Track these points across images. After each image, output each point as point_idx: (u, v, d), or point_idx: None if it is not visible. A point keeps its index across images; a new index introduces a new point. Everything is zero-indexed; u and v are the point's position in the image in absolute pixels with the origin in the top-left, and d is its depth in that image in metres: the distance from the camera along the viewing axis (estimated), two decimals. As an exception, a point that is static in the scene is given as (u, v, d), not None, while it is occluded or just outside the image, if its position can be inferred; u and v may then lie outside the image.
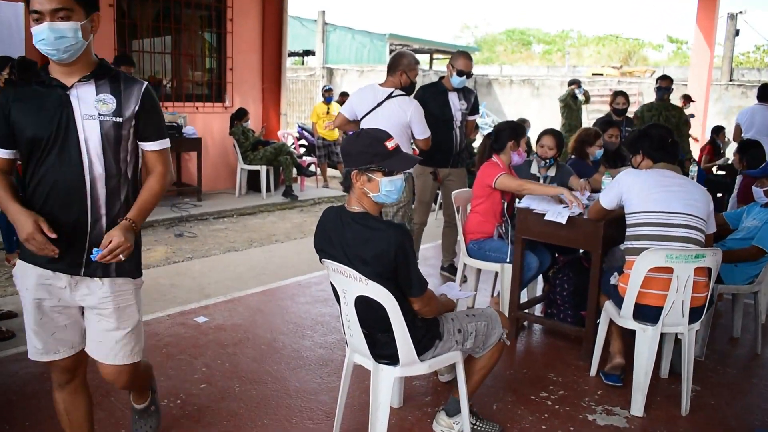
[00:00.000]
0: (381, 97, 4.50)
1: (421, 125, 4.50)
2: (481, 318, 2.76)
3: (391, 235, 2.32)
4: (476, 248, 4.29)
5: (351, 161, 2.42)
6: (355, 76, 19.56)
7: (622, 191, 3.34)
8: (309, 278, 5.20)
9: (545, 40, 50.31)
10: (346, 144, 2.48)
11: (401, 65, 4.54)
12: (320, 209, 8.55)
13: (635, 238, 3.27)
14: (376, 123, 4.39)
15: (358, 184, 2.42)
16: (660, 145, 3.46)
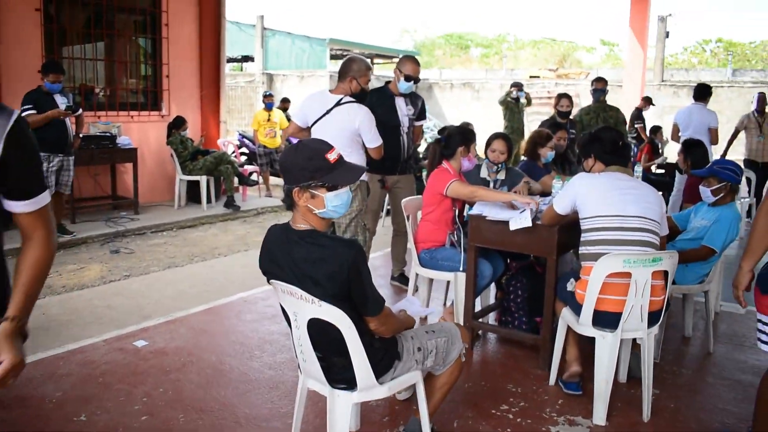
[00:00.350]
0: (330, 103, 4.34)
1: (372, 133, 4.35)
2: (441, 334, 2.63)
3: (343, 253, 2.16)
4: (428, 257, 4.17)
5: (291, 178, 2.25)
6: (296, 82, 19.30)
7: (576, 196, 3.27)
8: (255, 294, 4.98)
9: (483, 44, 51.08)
10: (285, 159, 2.29)
11: (351, 71, 4.39)
12: (264, 219, 8.33)
13: (591, 243, 3.21)
14: (325, 131, 4.24)
15: (301, 201, 2.25)
16: (612, 148, 3.41)
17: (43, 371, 3.55)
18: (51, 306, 4.80)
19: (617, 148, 3.43)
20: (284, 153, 2.31)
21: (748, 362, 4.02)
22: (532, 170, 5.04)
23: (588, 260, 3.20)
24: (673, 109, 18.61)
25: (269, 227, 2.42)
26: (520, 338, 4.04)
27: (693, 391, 3.60)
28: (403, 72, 4.86)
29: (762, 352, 4.19)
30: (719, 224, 3.84)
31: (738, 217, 3.88)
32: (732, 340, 4.38)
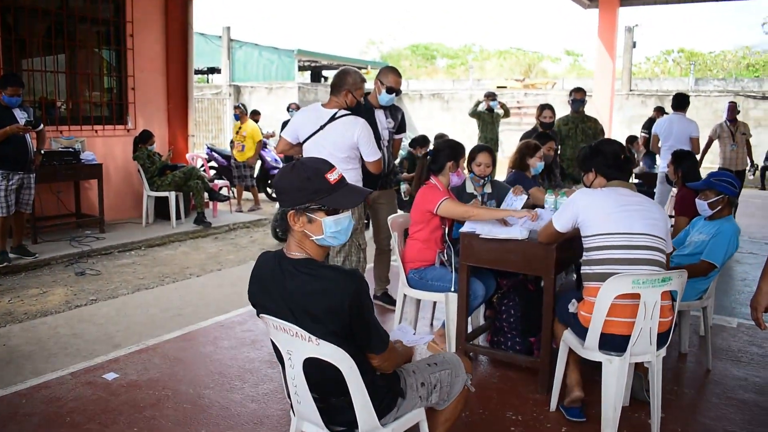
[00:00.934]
0: (324, 118, 4.13)
1: (371, 146, 4.16)
2: (444, 366, 2.43)
3: (344, 285, 1.94)
4: (417, 278, 3.97)
5: (287, 200, 2.03)
6: (264, 94, 19.02)
7: (578, 213, 3.11)
8: (231, 318, 4.72)
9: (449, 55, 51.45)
10: (280, 179, 2.07)
11: (346, 84, 4.19)
12: (236, 236, 8.05)
13: (596, 263, 3.04)
14: (320, 146, 4.05)
15: (296, 226, 2.03)
16: (614, 161, 3.26)
17: (3, 411, 3.26)
18: (12, 335, 4.47)
19: (619, 161, 3.28)
20: (280, 173, 2.09)
21: (749, 380, 3.90)
22: (521, 182, 4.88)
23: (592, 280, 3.04)
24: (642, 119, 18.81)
25: (260, 255, 2.18)
26: (516, 361, 3.85)
27: (699, 413, 3.45)
28: (384, 84, 4.67)
29: (761, 369, 4.13)
30: (719, 238, 3.72)
31: (737, 231, 3.76)
32: (728, 356, 4.26)
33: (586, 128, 7.10)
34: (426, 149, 8.07)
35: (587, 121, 7.16)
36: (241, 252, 7.25)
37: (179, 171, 8.24)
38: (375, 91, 4.75)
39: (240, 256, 7.00)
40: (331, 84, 4.26)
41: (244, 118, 9.95)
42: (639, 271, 2.92)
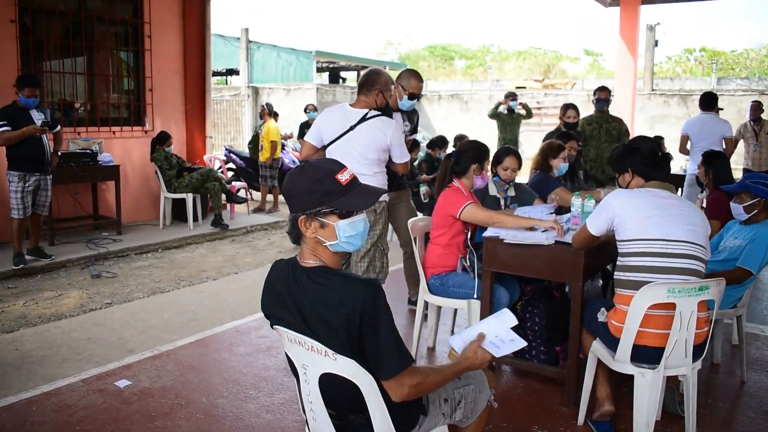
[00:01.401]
0: (354, 119, 3.95)
1: (402, 148, 4.03)
2: (468, 380, 2.29)
3: (359, 293, 1.80)
4: (438, 284, 3.84)
5: (296, 205, 1.90)
6: (282, 95, 18.98)
7: (614, 216, 2.93)
8: (248, 322, 4.62)
9: (467, 56, 51.23)
10: (289, 183, 1.93)
11: (378, 83, 4.01)
12: (253, 238, 7.97)
13: (630, 270, 2.88)
14: (349, 149, 3.90)
15: (308, 232, 1.90)
16: (652, 160, 3.09)
17: (12, 419, 3.18)
18: (25, 340, 4.40)
19: (657, 159, 3.11)
20: (288, 177, 1.95)
21: (785, 393, 3.72)
22: (544, 183, 4.75)
23: (625, 288, 2.88)
24: (664, 119, 18.56)
25: (274, 263, 2.06)
26: (542, 372, 3.70)
27: (734, 428, 3.29)
28: (407, 89, 4.50)
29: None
30: (756, 243, 3.54)
31: (775, 236, 3.58)
32: (763, 366, 4.08)
33: (611, 128, 6.91)
34: (444, 150, 7.93)
35: (612, 122, 6.97)
36: (259, 255, 7.16)
37: (197, 173, 8.18)
38: (395, 95, 4.60)
39: (257, 259, 6.91)
40: (359, 83, 4.10)
41: (266, 118, 9.88)
42: (675, 279, 2.77)
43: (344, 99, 19.60)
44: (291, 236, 2.00)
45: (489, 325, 2.13)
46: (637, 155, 3.12)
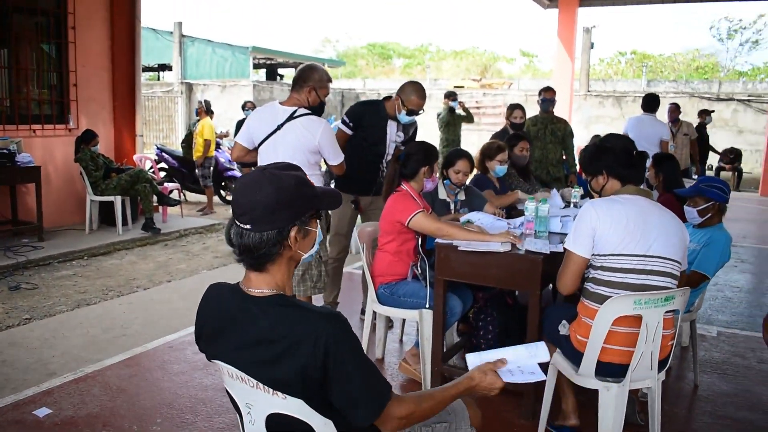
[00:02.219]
0: (282, 117, 3.66)
1: (333, 148, 3.74)
2: (443, 417, 2.03)
3: (317, 332, 1.53)
4: (388, 293, 3.63)
5: (282, 218, 1.61)
6: (217, 92, 18.41)
7: (594, 228, 2.68)
8: (182, 337, 4.29)
9: (405, 54, 51.41)
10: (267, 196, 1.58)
11: (311, 80, 3.72)
12: (187, 242, 7.59)
13: (603, 284, 2.68)
14: (277, 150, 3.62)
15: (296, 246, 1.66)
16: (627, 160, 2.85)
17: None
18: (-71, 362, 3.95)
19: (633, 159, 2.87)
20: (254, 189, 1.61)
21: (739, 395, 3.69)
22: (482, 186, 4.60)
23: (594, 301, 2.68)
24: (599, 119, 18.95)
25: (209, 287, 1.78)
26: (498, 385, 3.52)
27: (693, 437, 3.21)
28: (407, 105, 4.26)
29: (747, 382, 3.93)
30: (711, 248, 3.48)
31: (729, 239, 3.53)
32: (713, 368, 4.07)
33: (556, 129, 6.86)
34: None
35: (556, 122, 6.92)
36: (193, 260, 6.79)
37: (126, 174, 7.70)
38: (395, 105, 4.35)
39: (192, 266, 6.55)
40: (293, 79, 3.82)
41: (202, 115, 9.46)
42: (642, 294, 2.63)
43: (282, 96, 19.13)
44: (251, 261, 1.64)
45: (517, 353, 1.86)
46: (611, 155, 2.87)
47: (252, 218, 1.61)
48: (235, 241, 1.66)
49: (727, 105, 17.31)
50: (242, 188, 1.64)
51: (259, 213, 1.60)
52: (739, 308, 5.41)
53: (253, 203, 1.60)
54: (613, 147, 2.89)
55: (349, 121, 4.37)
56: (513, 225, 3.82)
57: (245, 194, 1.62)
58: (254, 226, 1.61)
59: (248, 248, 1.63)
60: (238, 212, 1.63)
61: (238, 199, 1.63)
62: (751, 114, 16.97)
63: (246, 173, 1.72)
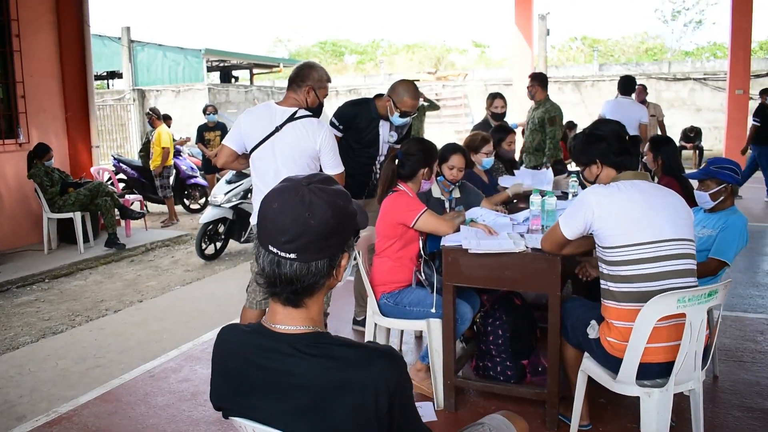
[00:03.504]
0: (280, 118, 3.33)
1: (334, 156, 3.40)
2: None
3: (378, 374, 1.27)
4: (391, 303, 3.34)
5: (335, 242, 1.34)
6: (171, 97, 17.83)
7: (593, 218, 2.56)
8: (162, 364, 3.94)
9: (357, 51, 51.16)
10: (314, 221, 1.30)
11: (310, 79, 3.40)
12: (155, 256, 7.17)
13: (622, 280, 2.51)
14: (275, 154, 3.30)
15: (341, 274, 1.41)
16: (620, 146, 2.70)
17: None
18: None
19: (626, 144, 2.72)
20: (304, 212, 1.31)
21: (761, 383, 3.54)
22: (471, 180, 4.35)
23: (618, 301, 2.51)
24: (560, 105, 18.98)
25: (221, 330, 1.45)
26: (519, 394, 3.26)
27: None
28: (399, 107, 3.96)
29: (765, 368, 3.78)
30: (728, 232, 3.29)
31: (746, 222, 3.35)
32: (728, 356, 3.91)
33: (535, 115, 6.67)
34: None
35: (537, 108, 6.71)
36: (163, 276, 6.39)
37: (84, 188, 7.23)
38: (387, 105, 4.04)
39: (162, 282, 6.15)
40: (289, 78, 3.49)
41: (156, 123, 9.01)
42: (674, 284, 2.43)
43: (238, 99, 18.70)
44: (290, 294, 1.35)
45: None
46: (603, 143, 2.71)
47: (300, 246, 1.31)
48: (269, 271, 1.34)
49: (684, 84, 17.48)
50: (284, 208, 1.32)
51: (310, 240, 1.31)
52: (737, 289, 5.28)
53: (305, 228, 1.30)
54: (605, 134, 2.73)
55: (339, 123, 4.08)
56: (516, 221, 3.59)
57: (291, 216, 1.31)
58: (301, 255, 1.31)
59: (290, 280, 1.33)
60: (280, 238, 1.31)
61: (278, 220, 1.32)
62: (708, 92, 17.16)
63: (278, 188, 1.38)
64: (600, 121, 3.02)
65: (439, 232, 3.23)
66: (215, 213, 6.74)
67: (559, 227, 2.68)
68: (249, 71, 23.46)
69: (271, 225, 1.33)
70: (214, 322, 4.74)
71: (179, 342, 4.32)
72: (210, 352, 1.48)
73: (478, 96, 19.62)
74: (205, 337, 4.39)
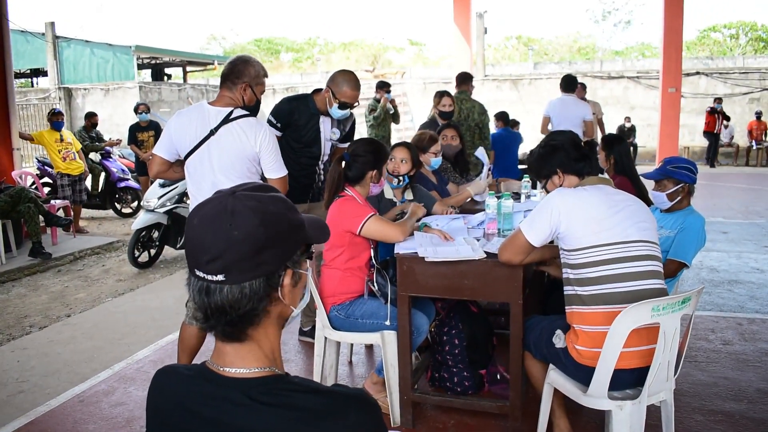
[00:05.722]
0: (215, 120, 3.06)
1: (276, 158, 3.15)
2: None
3: (351, 429, 1.06)
4: (343, 316, 3.14)
5: (270, 256, 1.10)
6: (100, 96, 17.09)
7: (560, 220, 2.45)
8: (93, 386, 3.62)
9: (293, 48, 50.70)
10: (238, 232, 1.07)
11: (246, 75, 3.13)
12: (84, 265, 6.74)
13: (589, 282, 2.41)
14: (212, 159, 3.04)
15: (288, 297, 1.16)
16: (578, 153, 2.68)
17: None
18: None
19: (583, 150, 2.71)
20: (226, 223, 1.08)
21: (719, 384, 3.51)
22: (419, 181, 4.20)
23: (586, 304, 2.41)
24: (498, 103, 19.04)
25: (157, 374, 1.22)
26: (481, 408, 3.11)
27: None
28: (339, 98, 3.71)
29: (722, 368, 3.76)
30: (686, 233, 3.23)
31: (704, 222, 3.30)
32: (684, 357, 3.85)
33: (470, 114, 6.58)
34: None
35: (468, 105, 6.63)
36: (94, 287, 5.99)
37: (4, 194, 6.72)
38: (326, 98, 3.79)
39: (93, 294, 5.76)
40: (222, 74, 3.21)
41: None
42: (642, 286, 2.37)
43: (171, 97, 18.08)
44: (225, 327, 1.12)
45: None
46: (561, 152, 2.69)
47: (226, 264, 1.08)
48: (199, 301, 1.12)
49: (618, 82, 17.88)
50: (208, 222, 1.10)
51: (236, 256, 1.08)
52: (683, 286, 5.30)
53: (228, 243, 1.07)
54: (560, 143, 2.72)
55: (276, 121, 3.82)
56: (471, 224, 3.44)
57: (211, 231, 1.09)
58: (230, 275, 1.09)
59: (221, 309, 1.10)
60: (203, 258, 1.09)
61: (201, 238, 1.10)
62: (641, 90, 17.61)
63: (201, 202, 1.16)
64: (554, 132, 2.95)
65: (388, 238, 3.04)
66: (149, 218, 6.38)
67: (521, 234, 2.55)
68: (182, 69, 22.76)
69: (192, 245, 1.11)
70: (149, 338, 4.41)
71: (111, 361, 4.00)
72: (146, 371, 1.26)
73: (418, 94, 19.59)
74: (140, 354, 4.07)
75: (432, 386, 3.44)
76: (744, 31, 34.55)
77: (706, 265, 6.08)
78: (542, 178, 2.78)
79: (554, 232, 2.48)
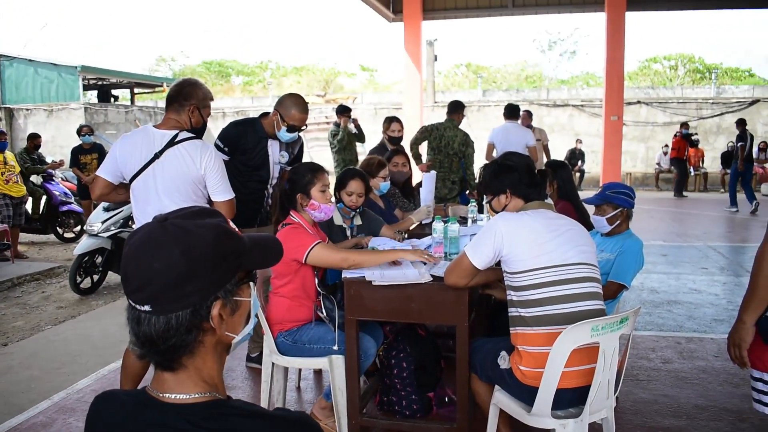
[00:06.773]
0: (159, 144, 3.04)
1: (222, 180, 3.13)
2: None
3: None
4: (290, 342, 3.12)
5: (196, 287, 1.09)
6: (43, 117, 16.67)
7: (503, 244, 2.51)
8: (30, 419, 3.48)
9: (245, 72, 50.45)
10: (158, 264, 1.07)
11: (194, 97, 3.13)
12: (22, 292, 6.52)
13: (531, 304, 2.47)
14: (156, 183, 3.01)
15: (222, 327, 1.14)
16: (530, 179, 2.76)
17: None
18: None
19: (535, 177, 2.79)
20: (151, 253, 1.08)
21: (658, 401, 3.63)
22: (367, 205, 4.23)
23: (529, 326, 2.46)
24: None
25: (95, 400, 1.20)
26: (430, 430, 3.11)
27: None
28: (287, 121, 3.72)
29: (661, 386, 3.86)
30: (625, 256, 3.34)
31: (642, 246, 3.42)
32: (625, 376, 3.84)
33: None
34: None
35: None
36: (32, 315, 5.78)
37: (-63, 218, 6.48)
38: (273, 121, 3.79)
39: (31, 321, 5.56)
40: (168, 96, 3.19)
41: None
42: (581, 307, 2.44)
43: (118, 119, 17.76)
44: (158, 357, 1.12)
45: None
46: (515, 173, 2.76)
47: (150, 295, 1.08)
48: (133, 329, 1.11)
49: (564, 110, 18.40)
50: (133, 251, 1.10)
51: (159, 287, 1.07)
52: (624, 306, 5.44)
53: (149, 274, 1.07)
54: (516, 165, 2.79)
55: (224, 146, 3.80)
56: (419, 248, 3.47)
57: (135, 261, 1.09)
58: (156, 306, 1.08)
59: (150, 339, 1.10)
60: (130, 287, 1.09)
61: (127, 267, 1.10)
62: (585, 118, 18.15)
63: (136, 230, 1.16)
64: (511, 153, 3.03)
65: (333, 266, 3.04)
66: (92, 243, 6.22)
67: (466, 257, 2.60)
68: (130, 90, 22.38)
69: (122, 273, 1.11)
70: (90, 367, 4.28)
71: (50, 392, 3.86)
72: (87, 402, 1.23)
73: (369, 119, 19.72)
74: (80, 384, 3.95)
75: (380, 410, 3.43)
76: (683, 63, 36.03)
77: (646, 286, 6.26)
78: (491, 193, 2.84)
79: (497, 255, 2.53)
